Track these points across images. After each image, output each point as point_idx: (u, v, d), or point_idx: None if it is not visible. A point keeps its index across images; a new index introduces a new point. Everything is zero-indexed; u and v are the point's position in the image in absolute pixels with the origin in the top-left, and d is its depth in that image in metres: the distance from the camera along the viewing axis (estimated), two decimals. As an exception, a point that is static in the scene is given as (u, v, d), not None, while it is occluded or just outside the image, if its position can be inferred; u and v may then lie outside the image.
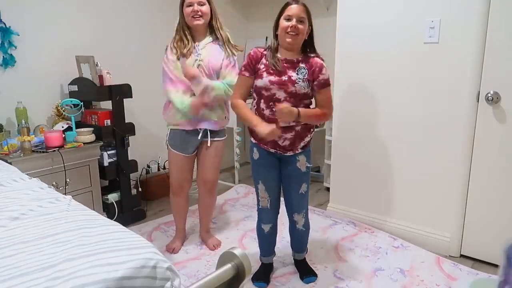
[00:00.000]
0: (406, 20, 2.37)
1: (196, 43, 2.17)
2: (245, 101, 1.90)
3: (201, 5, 2.12)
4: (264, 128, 1.74)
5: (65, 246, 0.98)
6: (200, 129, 2.23)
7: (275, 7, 1.96)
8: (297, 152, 1.91)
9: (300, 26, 1.77)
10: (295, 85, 1.80)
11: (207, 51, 2.17)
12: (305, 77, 1.81)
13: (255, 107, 1.89)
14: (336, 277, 2.14)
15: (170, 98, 2.17)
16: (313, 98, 1.89)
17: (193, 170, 2.39)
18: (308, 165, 1.97)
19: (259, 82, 1.83)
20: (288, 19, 1.78)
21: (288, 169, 1.95)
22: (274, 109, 1.78)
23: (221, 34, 2.21)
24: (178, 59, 2.14)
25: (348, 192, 2.85)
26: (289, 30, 1.77)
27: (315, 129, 3.55)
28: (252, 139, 1.97)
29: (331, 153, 2.95)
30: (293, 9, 1.78)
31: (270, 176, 1.96)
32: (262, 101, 1.85)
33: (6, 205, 1.26)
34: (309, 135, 1.93)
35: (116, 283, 0.85)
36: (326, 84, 1.85)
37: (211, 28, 2.21)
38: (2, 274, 0.86)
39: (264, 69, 1.83)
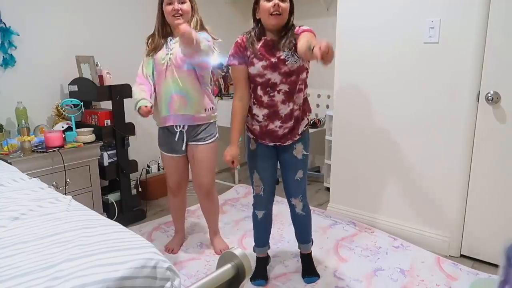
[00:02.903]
0: (406, 20, 2.36)
1: (169, 38, 2.14)
2: (249, 93, 1.88)
3: (182, 3, 2.06)
4: (227, 152, 1.90)
5: (65, 246, 0.98)
6: (176, 126, 2.17)
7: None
8: (295, 139, 1.93)
9: (282, 4, 1.71)
10: (286, 63, 1.77)
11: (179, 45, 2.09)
12: (292, 50, 1.76)
13: (252, 96, 1.88)
14: (336, 277, 2.14)
15: (133, 94, 2.18)
16: (308, 69, 1.88)
17: (187, 169, 2.37)
18: (305, 153, 1.97)
19: (252, 70, 1.81)
20: None
21: (284, 157, 1.97)
22: (271, 95, 1.82)
23: (197, 29, 2.11)
24: (149, 55, 2.15)
25: (348, 192, 2.85)
26: (272, 10, 1.69)
27: (315, 129, 3.57)
28: (249, 134, 1.98)
29: (331, 153, 2.95)
30: None
31: (265, 166, 1.98)
32: (259, 88, 1.84)
33: (6, 205, 1.27)
34: (306, 118, 1.94)
35: (116, 283, 0.85)
36: (308, 30, 1.75)
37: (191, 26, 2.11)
38: (2, 274, 0.86)
39: (253, 56, 1.80)
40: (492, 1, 2.06)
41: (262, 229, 2.12)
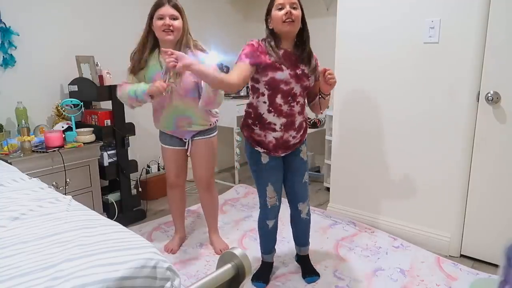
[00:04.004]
0: (406, 20, 2.36)
1: (167, 70, 2.00)
2: (242, 87, 1.86)
3: (174, 19, 2.02)
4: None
5: (65, 246, 0.98)
6: (185, 138, 2.25)
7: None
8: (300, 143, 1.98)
9: (294, 12, 1.73)
10: (309, 78, 1.83)
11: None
12: (314, 69, 1.85)
13: (267, 103, 1.82)
14: (336, 277, 2.14)
15: (122, 93, 2.07)
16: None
17: (186, 162, 2.39)
18: (309, 153, 2.04)
19: (279, 75, 1.76)
20: (281, 8, 1.73)
21: (292, 161, 1.98)
22: (292, 104, 1.83)
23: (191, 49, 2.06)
24: (135, 73, 2.09)
25: (348, 192, 2.85)
26: (284, 18, 1.72)
27: (315, 129, 3.57)
28: (259, 148, 1.90)
29: (331, 153, 2.95)
30: None
31: (279, 178, 1.98)
32: (280, 96, 1.80)
33: (6, 205, 1.27)
34: (307, 125, 2.02)
35: (116, 283, 0.85)
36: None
37: (179, 44, 2.06)
38: (2, 274, 0.86)
39: (279, 62, 1.75)
40: (492, 1, 2.06)
41: (272, 238, 2.11)
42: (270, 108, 1.83)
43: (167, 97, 2.09)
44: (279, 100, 1.81)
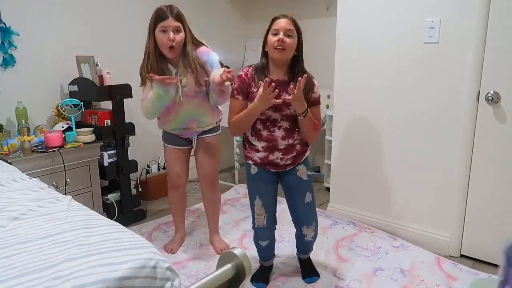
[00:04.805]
0: (406, 20, 2.36)
1: (174, 70, 2.07)
2: None
3: (177, 31, 1.99)
4: (261, 102, 1.67)
5: (65, 246, 0.98)
6: (192, 137, 2.28)
7: (275, 7, 1.96)
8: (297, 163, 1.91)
9: (287, 40, 1.70)
10: (290, 106, 1.75)
11: (188, 78, 2.07)
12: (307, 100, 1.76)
13: (250, 128, 1.85)
14: (336, 277, 2.14)
15: (146, 105, 2.09)
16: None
17: (188, 161, 2.40)
18: (309, 173, 1.93)
19: None
20: (276, 33, 1.71)
21: (288, 181, 1.92)
22: (271, 130, 1.81)
23: (191, 64, 2.05)
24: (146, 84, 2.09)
25: (348, 192, 2.85)
26: (276, 45, 1.70)
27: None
28: (250, 161, 1.91)
29: (331, 153, 2.95)
30: (280, 23, 1.72)
31: (267, 191, 1.92)
32: (258, 122, 1.81)
33: (6, 205, 1.27)
34: (308, 149, 1.93)
35: (116, 283, 0.85)
36: (317, 102, 1.83)
37: (183, 54, 2.06)
38: (2, 274, 0.86)
39: (257, 92, 1.72)
40: (492, 1, 2.06)
41: (268, 251, 2.09)
42: (252, 132, 1.86)
43: (178, 102, 2.11)
44: (258, 125, 1.82)
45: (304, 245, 2.10)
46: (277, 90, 1.64)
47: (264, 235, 2.00)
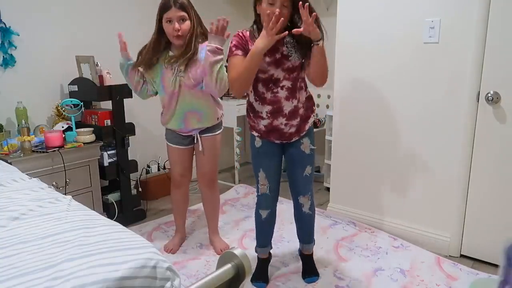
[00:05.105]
0: (406, 20, 2.36)
1: (174, 60, 2.08)
2: None
3: (183, 20, 2.02)
4: (264, 38, 1.60)
5: (65, 246, 0.98)
6: (193, 134, 2.28)
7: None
8: (301, 135, 1.92)
9: (284, 11, 1.65)
10: (290, 58, 1.77)
11: (188, 66, 2.08)
12: (294, 45, 1.76)
13: (252, 92, 1.85)
14: (336, 277, 2.14)
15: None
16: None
17: (192, 161, 2.40)
18: (312, 147, 1.97)
19: None
20: (272, 3, 1.65)
21: (292, 153, 1.95)
22: (274, 91, 1.79)
23: (188, 55, 2.04)
24: (139, 67, 2.17)
25: (348, 192, 2.85)
26: (269, 12, 1.65)
27: (315, 129, 3.57)
28: (254, 132, 1.93)
29: (331, 153, 2.95)
30: None
31: (271, 164, 1.95)
32: (260, 84, 1.81)
33: (6, 205, 1.26)
34: (312, 115, 1.94)
35: (116, 283, 0.85)
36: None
37: (189, 43, 2.06)
38: (2, 274, 0.86)
39: None
40: (492, 1, 2.06)
41: (265, 229, 2.10)
42: (255, 97, 1.85)
43: (176, 92, 2.12)
44: (261, 88, 1.82)
45: (303, 222, 2.09)
46: (282, 19, 1.56)
47: (267, 202, 2.01)
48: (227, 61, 1.84)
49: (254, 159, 1.99)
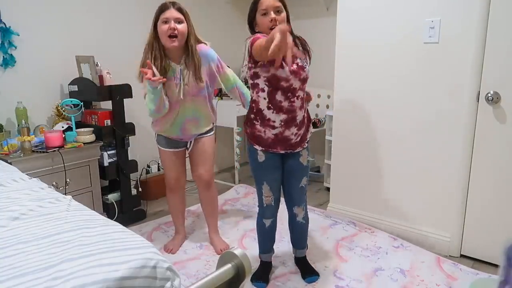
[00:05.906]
0: (406, 20, 2.36)
1: (178, 67, 2.08)
2: None
3: (179, 22, 2.00)
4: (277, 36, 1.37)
5: (65, 246, 0.98)
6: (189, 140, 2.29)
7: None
8: (304, 146, 1.95)
9: (279, 17, 1.72)
10: (305, 69, 1.82)
11: (190, 76, 2.08)
12: (305, 58, 1.85)
13: (267, 100, 1.81)
14: (336, 277, 2.14)
15: (146, 102, 2.10)
16: None
17: (185, 164, 2.40)
18: (309, 159, 2.02)
19: (280, 72, 1.74)
20: (265, 13, 1.71)
21: (291, 164, 1.97)
22: (291, 100, 1.81)
23: (194, 59, 2.06)
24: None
25: (348, 192, 2.85)
26: (271, 25, 1.70)
27: (315, 129, 3.58)
28: (257, 146, 1.91)
29: (331, 153, 2.95)
30: (267, 1, 1.71)
31: (275, 177, 1.96)
32: (280, 93, 1.79)
33: (6, 205, 1.26)
34: (310, 125, 2.00)
35: (116, 283, 0.85)
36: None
37: (186, 50, 2.07)
38: (2, 274, 0.86)
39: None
40: (492, 1, 2.06)
41: (269, 237, 2.11)
42: (270, 105, 1.82)
43: (180, 100, 2.12)
44: (279, 96, 1.80)
45: (297, 231, 2.11)
46: (288, 27, 1.41)
47: (271, 212, 2.03)
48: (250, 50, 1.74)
49: (256, 172, 1.97)
